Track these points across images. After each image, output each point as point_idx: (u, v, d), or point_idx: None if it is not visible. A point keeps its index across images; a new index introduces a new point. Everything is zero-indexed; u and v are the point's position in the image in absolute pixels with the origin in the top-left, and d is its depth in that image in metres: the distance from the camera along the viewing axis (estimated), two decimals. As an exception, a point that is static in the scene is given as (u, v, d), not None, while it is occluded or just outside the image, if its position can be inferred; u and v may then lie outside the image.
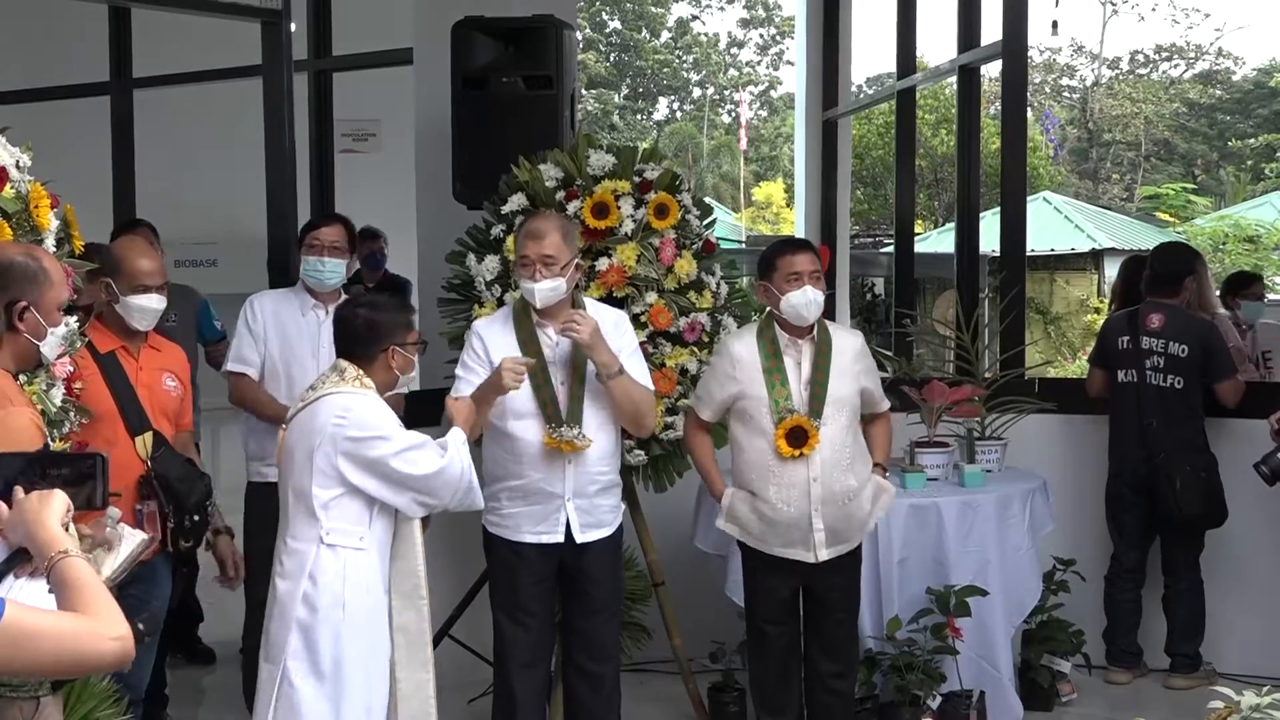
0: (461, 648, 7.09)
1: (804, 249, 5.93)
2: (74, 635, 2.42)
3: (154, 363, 5.45)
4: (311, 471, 4.77)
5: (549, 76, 7.24)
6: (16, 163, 4.54)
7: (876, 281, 18.67)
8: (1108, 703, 7.02)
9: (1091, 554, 7.37)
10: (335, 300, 6.44)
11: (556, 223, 5.70)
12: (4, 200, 4.45)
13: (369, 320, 5.02)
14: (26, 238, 4.53)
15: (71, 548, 2.56)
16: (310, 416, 4.84)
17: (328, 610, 4.76)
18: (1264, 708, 2.97)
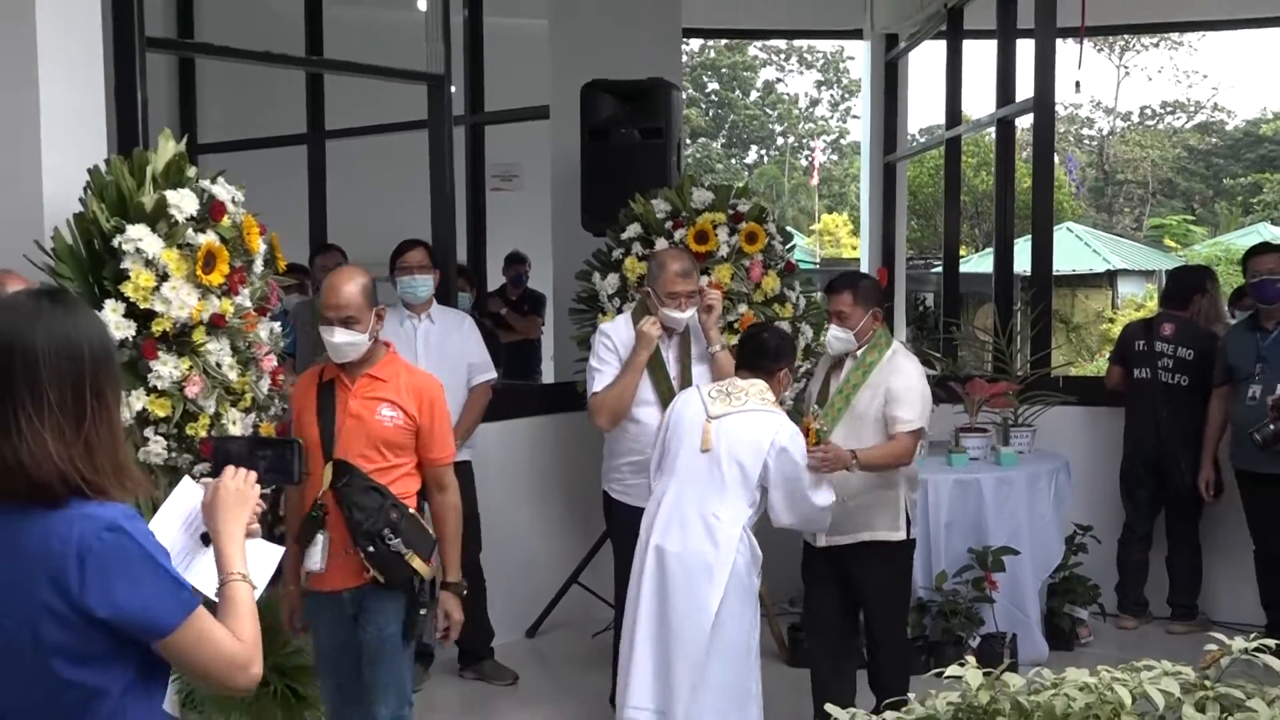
0: (588, 592, 7.11)
1: (833, 290, 5.52)
2: (228, 655, 2.38)
3: (369, 391, 4.43)
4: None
5: (659, 128, 7.26)
6: (232, 198, 4.60)
7: (927, 296, 18.53)
8: (1118, 645, 6.93)
9: (1106, 521, 7.28)
10: (427, 309, 6.50)
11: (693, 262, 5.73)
12: (222, 228, 4.51)
13: (779, 341, 5.12)
14: (240, 259, 4.59)
15: (246, 572, 2.51)
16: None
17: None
18: (1250, 650, 2.90)
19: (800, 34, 21.11)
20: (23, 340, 2.29)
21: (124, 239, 4.29)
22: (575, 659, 6.86)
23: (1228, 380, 6.67)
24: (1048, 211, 8.01)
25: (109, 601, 2.25)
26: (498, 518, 7.04)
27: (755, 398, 4.91)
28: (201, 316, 4.40)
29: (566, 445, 6.94)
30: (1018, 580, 6.74)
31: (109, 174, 4.45)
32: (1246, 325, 6.67)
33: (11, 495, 2.28)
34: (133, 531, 2.30)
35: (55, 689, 2.30)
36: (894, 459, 5.24)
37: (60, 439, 2.27)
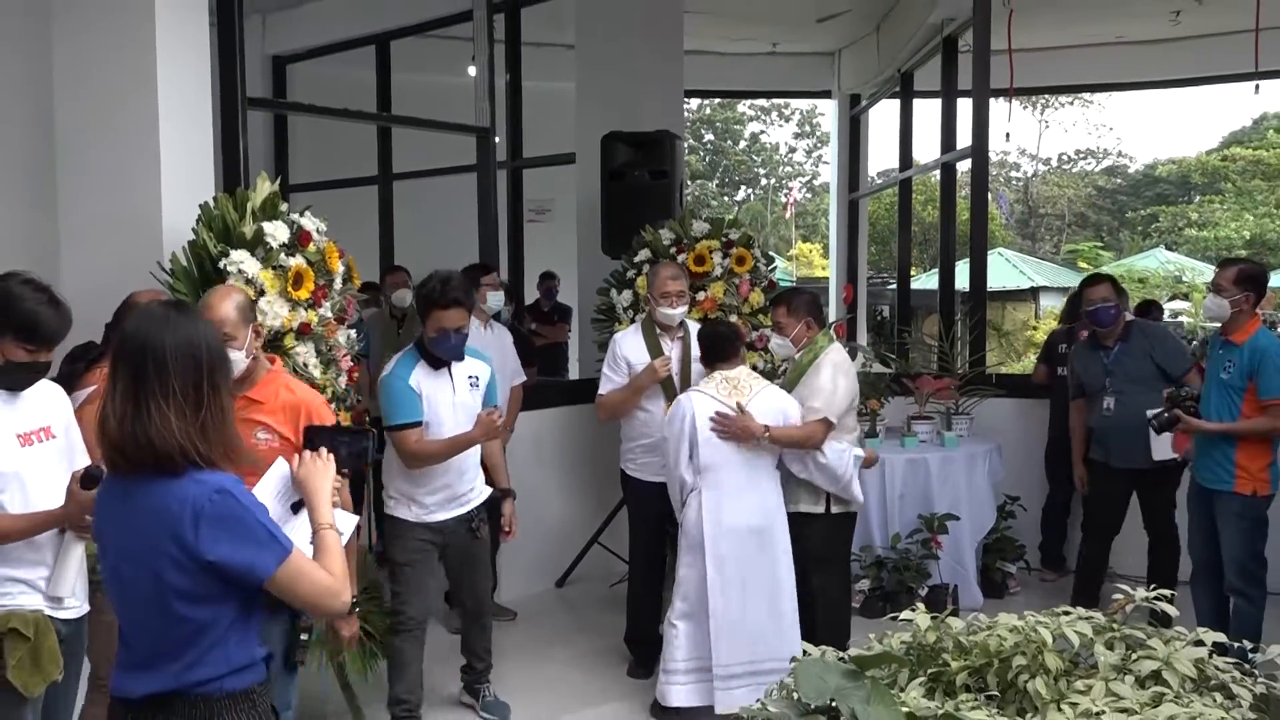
0: (606, 550, 7.10)
1: (772, 305, 5.49)
2: (323, 586, 2.45)
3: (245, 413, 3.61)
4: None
5: (665, 171, 7.24)
6: (316, 229, 4.60)
7: (885, 308, 18.51)
8: (1042, 594, 6.90)
9: (1031, 493, 7.25)
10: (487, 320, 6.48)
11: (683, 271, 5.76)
12: (309, 253, 4.51)
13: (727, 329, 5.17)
14: (323, 278, 4.59)
15: (334, 523, 2.58)
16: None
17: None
18: (1150, 599, 2.88)
19: (780, 94, 21.15)
20: (154, 341, 2.38)
21: (229, 261, 4.30)
22: (595, 604, 6.85)
23: (1081, 394, 6.40)
24: (982, 239, 7.97)
25: (218, 550, 2.32)
26: (533, 489, 7.04)
27: (755, 380, 4.97)
28: (292, 325, 4.41)
29: (589, 431, 6.93)
30: (958, 541, 6.71)
31: (216, 209, 4.46)
32: (1090, 346, 6.36)
33: (140, 466, 2.36)
34: (238, 494, 2.37)
35: (173, 622, 2.36)
36: (803, 440, 5.08)
37: (182, 420, 2.35)
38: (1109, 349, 6.18)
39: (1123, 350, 6.16)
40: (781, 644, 4.83)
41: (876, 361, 8.67)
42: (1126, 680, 2.66)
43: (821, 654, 2.73)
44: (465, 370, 4.78)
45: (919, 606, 3.02)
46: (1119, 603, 2.94)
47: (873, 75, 11.75)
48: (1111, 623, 2.89)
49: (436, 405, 4.68)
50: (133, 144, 4.82)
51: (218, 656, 2.40)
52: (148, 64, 4.77)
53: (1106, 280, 6.37)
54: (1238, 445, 5.27)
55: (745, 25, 11.46)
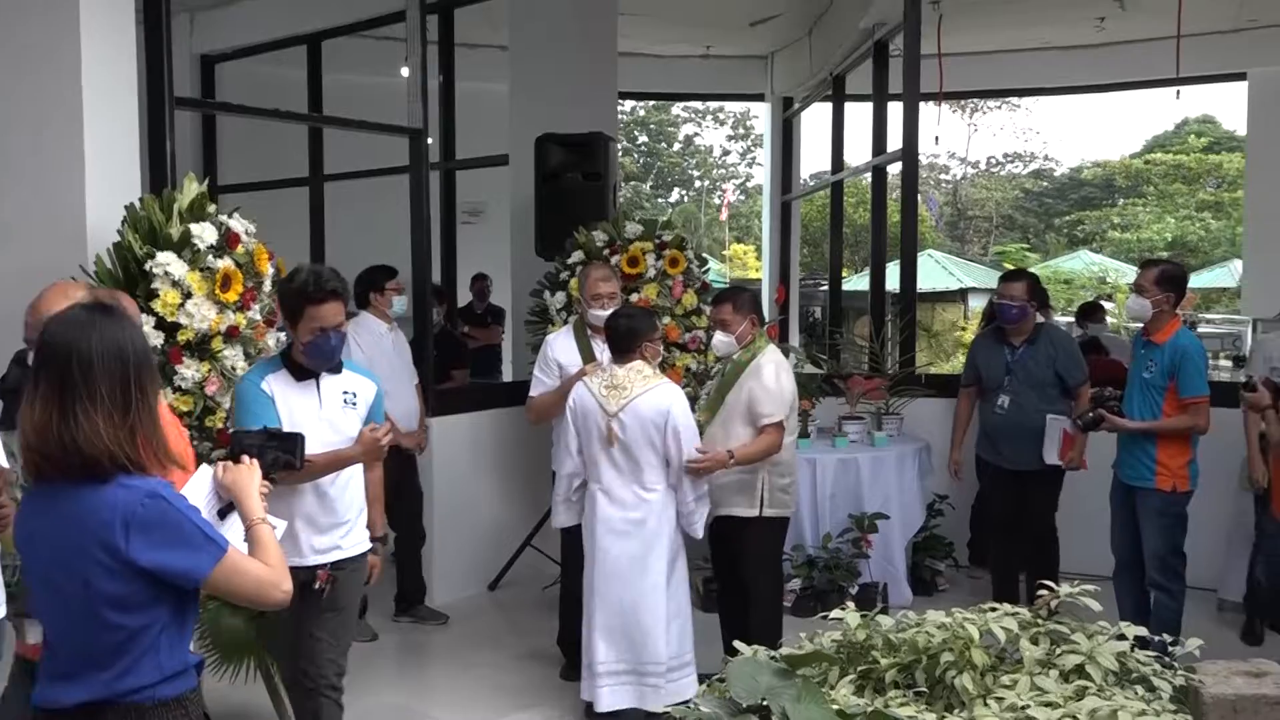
0: (539, 553, 7.08)
1: (716, 302, 5.43)
2: (264, 579, 2.46)
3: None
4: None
5: (599, 173, 7.24)
6: (245, 230, 4.55)
7: (816, 309, 18.61)
8: (970, 591, 6.98)
9: (959, 491, 7.31)
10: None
11: (614, 272, 5.75)
12: (237, 255, 4.46)
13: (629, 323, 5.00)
14: (252, 280, 4.54)
15: (265, 517, 2.59)
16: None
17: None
18: (1076, 594, 2.94)
19: (714, 96, 21.21)
20: (79, 345, 2.34)
21: (154, 263, 4.24)
22: (528, 607, 6.83)
23: (975, 383, 6.42)
24: (912, 241, 8.06)
25: (150, 556, 2.30)
26: (466, 492, 7.04)
27: (638, 380, 4.85)
28: (219, 328, 4.36)
29: (522, 433, 6.91)
30: (888, 539, 6.78)
31: (142, 210, 4.40)
32: (994, 339, 6.37)
33: (67, 471, 2.33)
34: (169, 498, 2.36)
35: (104, 630, 2.34)
36: (765, 451, 5.10)
37: (110, 424, 2.32)
38: (1014, 347, 6.24)
39: (1027, 352, 6.19)
40: (652, 645, 4.79)
41: (808, 362, 8.75)
42: (1051, 674, 2.70)
43: (754, 653, 2.75)
44: (339, 384, 3.97)
45: (849, 605, 3.05)
46: (1046, 597, 3.00)
47: (805, 78, 11.84)
48: (1037, 618, 2.94)
49: (296, 417, 3.80)
50: (57, 144, 4.74)
51: (150, 664, 2.37)
52: (72, 62, 4.70)
53: (1025, 278, 6.38)
54: (1158, 443, 5.39)
55: (679, 28, 11.50)
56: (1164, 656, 2.87)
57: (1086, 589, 2.93)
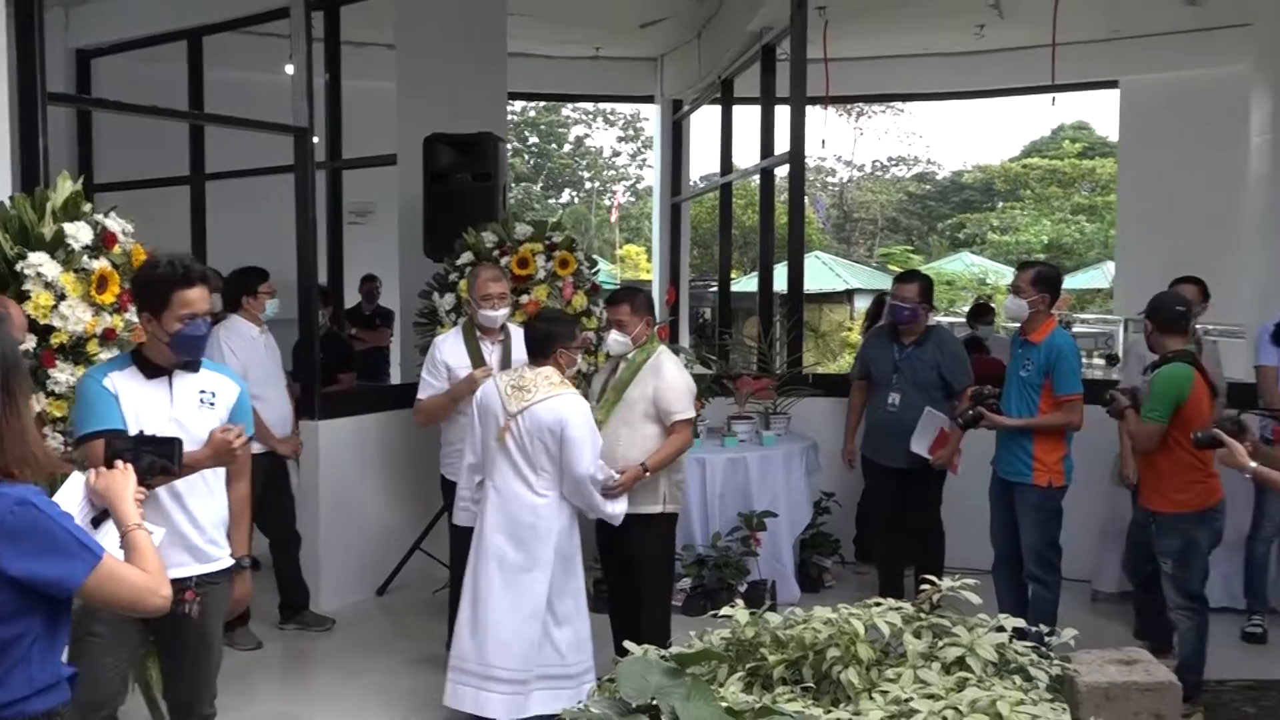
0: (428, 556, 7.01)
1: (613, 302, 5.41)
2: (141, 585, 2.40)
3: None
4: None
5: (489, 173, 7.20)
6: (123, 230, 4.42)
7: (706, 310, 18.76)
8: (856, 587, 7.07)
9: (845, 489, 7.41)
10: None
11: (504, 273, 5.72)
12: (114, 256, 4.33)
13: (548, 328, 4.94)
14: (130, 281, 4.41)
15: (141, 523, 2.54)
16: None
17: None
18: (957, 588, 3.00)
19: (604, 98, 21.27)
20: None
21: (26, 264, 4.10)
22: (417, 611, 6.76)
23: (864, 377, 6.56)
24: (800, 242, 8.16)
25: (21, 564, 2.24)
26: (353, 496, 6.94)
27: (544, 385, 4.82)
28: (95, 330, 4.22)
29: (411, 436, 6.83)
30: (776, 537, 6.85)
31: (13, 209, 4.25)
32: (885, 336, 6.50)
33: None
34: (40, 505, 2.29)
35: None
36: (677, 450, 5.19)
37: None
38: (904, 346, 6.36)
39: (915, 353, 6.31)
40: (520, 651, 4.73)
41: (698, 363, 8.80)
42: (934, 667, 2.77)
43: (644, 653, 2.76)
44: (196, 383, 3.68)
45: (738, 603, 3.08)
46: (928, 592, 3.06)
47: (694, 81, 11.92)
48: (920, 612, 3.01)
49: (143, 417, 3.50)
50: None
51: (20, 676, 2.31)
52: (-64, 55, 4.51)
53: (919, 280, 6.50)
54: (1035, 439, 5.55)
55: (568, 29, 11.49)
56: (1041, 647, 2.96)
57: (967, 583, 3.00)
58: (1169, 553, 5.27)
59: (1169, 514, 5.25)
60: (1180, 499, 5.21)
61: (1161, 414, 5.14)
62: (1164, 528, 5.29)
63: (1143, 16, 10.57)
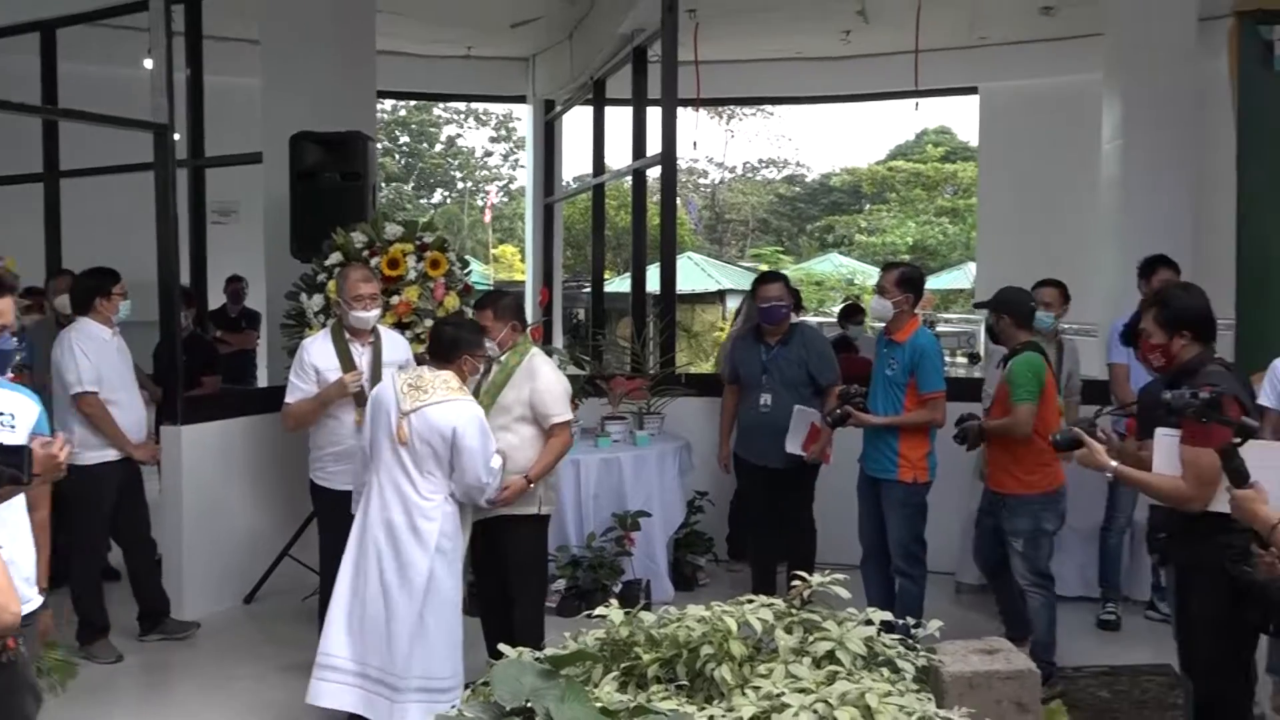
0: (298, 563, 6.88)
1: (477, 308, 5.42)
2: None
3: None
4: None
5: (358, 173, 7.09)
6: (-30, 228, 4.24)
7: (580, 311, 18.75)
8: (730, 584, 7.15)
9: (718, 487, 7.49)
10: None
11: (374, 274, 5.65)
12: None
13: (455, 333, 4.87)
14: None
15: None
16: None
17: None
18: (827, 584, 3.05)
19: (476, 98, 21.12)
20: None
21: None
22: (287, 619, 6.62)
23: (735, 381, 6.61)
24: (672, 243, 8.22)
25: None
26: (219, 502, 6.78)
27: (441, 388, 4.77)
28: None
29: (278, 440, 6.69)
30: (650, 537, 6.89)
31: None
32: (751, 338, 6.53)
33: None
34: None
35: None
36: (558, 455, 5.21)
37: None
38: (770, 346, 6.45)
39: (781, 352, 6.40)
40: (394, 653, 4.65)
41: (571, 364, 8.80)
42: (804, 661, 2.81)
43: (518, 655, 2.74)
44: None
45: (613, 603, 3.08)
46: (799, 588, 3.11)
47: (567, 82, 11.92)
48: (791, 608, 3.05)
49: None
50: None
51: None
52: None
53: (780, 279, 6.62)
54: (900, 437, 5.69)
55: (439, 28, 11.38)
56: (908, 639, 3.03)
57: (837, 578, 3.05)
58: (1020, 533, 5.52)
59: (1020, 495, 5.51)
60: (1031, 480, 5.48)
61: (1032, 394, 5.40)
62: (1015, 509, 5.53)
63: (1001, 25, 10.90)
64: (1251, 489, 3.36)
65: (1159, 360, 4.12)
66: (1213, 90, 6.97)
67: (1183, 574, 4.09)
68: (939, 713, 2.63)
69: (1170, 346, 4.07)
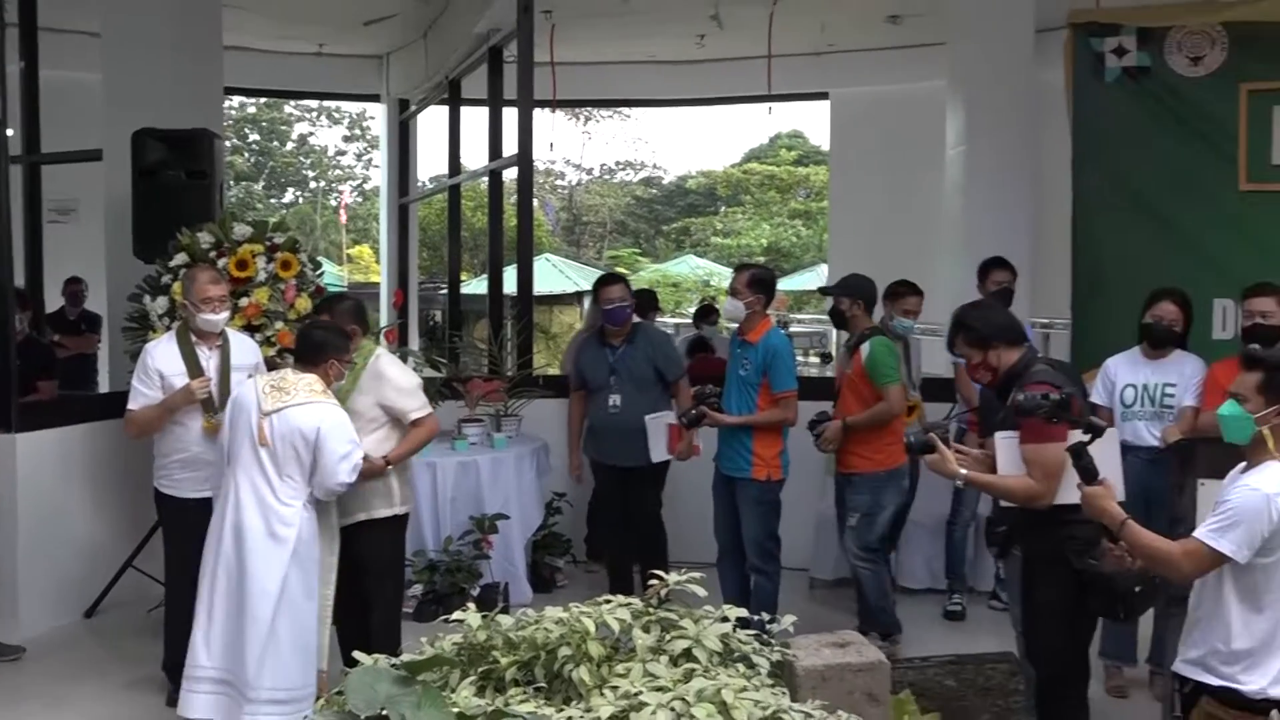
0: (140, 573, 6.65)
1: (317, 313, 5.43)
2: None
3: None
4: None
5: (204, 171, 6.89)
6: None
7: (436, 313, 18.58)
8: (588, 585, 7.15)
9: (576, 489, 7.46)
10: None
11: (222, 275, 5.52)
12: None
13: (323, 337, 4.78)
14: None
15: None
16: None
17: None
18: (683, 582, 3.08)
19: (328, 96, 20.72)
20: None
21: None
22: (130, 633, 6.38)
23: (582, 386, 6.64)
24: (529, 244, 8.20)
25: None
26: (57, 513, 6.52)
27: (304, 390, 4.69)
28: None
29: (122, 448, 6.46)
30: (508, 539, 6.87)
31: None
32: (595, 341, 6.57)
33: None
34: None
35: None
36: (420, 444, 5.19)
37: None
38: (615, 348, 6.48)
39: (627, 352, 6.44)
40: (249, 662, 4.54)
41: (428, 366, 8.70)
42: (662, 660, 2.83)
43: (374, 662, 2.71)
44: None
45: (470, 607, 3.06)
46: (656, 587, 3.13)
47: (421, 81, 11.79)
48: (649, 607, 3.07)
49: None
50: None
51: None
52: None
53: (621, 280, 6.72)
54: (754, 435, 5.79)
55: (290, 24, 11.15)
56: (763, 634, 3.08)
57: (693, 576, 3.08)
58: (858, 508, 5.84)
59: (865, 473, 5.85)
60: (878, 459, 5.82)
61: (896, 373, 5.78)
62: (858, 486, 5.86)
63: (850, 33, 11.16)
64: (1101, 485, 3.51)
65: (987, 376, 4.32)
66: (1050, 98, 7.25)
67: (1028, 565, 4.25)
68: (793, 706, 2.67)
69: (989, 360, 4.26)
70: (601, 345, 6.51)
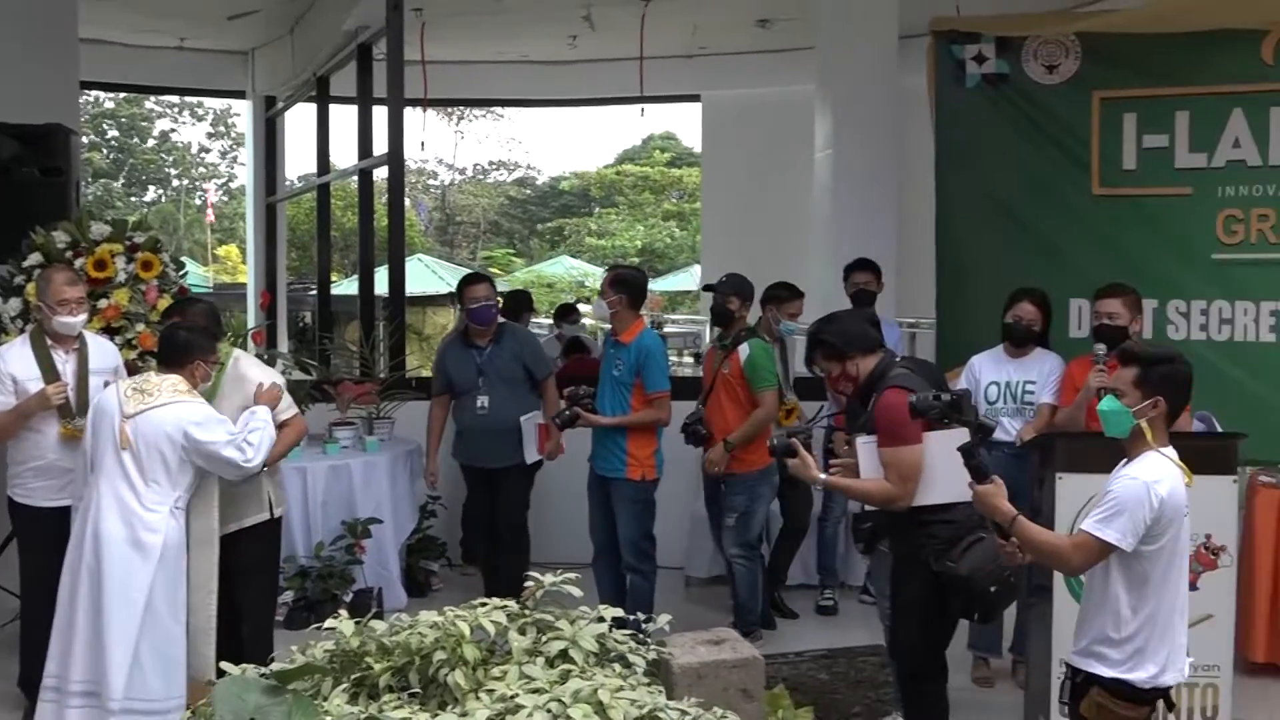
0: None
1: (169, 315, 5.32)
2: None
3: None
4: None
5: (59, 168, 6.66)
6: None
7: (306, 315, 18.20)
8: (464, 588, 7.05)
9: (450, 491, 7.38)
10: None
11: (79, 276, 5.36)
12: None
13: (187, 337, 4.67)
14: None
15: None
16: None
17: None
18: (559, 583, 3.08)
19: (191, 91, 20.19)
20: None
21: None
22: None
23: (447, 390, 6.53)
24: (401, 245, 8.11)
25: None
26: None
27: (168, 391, 4.57)
28: None
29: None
30: (382, 544, 6.78)
31: None
32: (460, 343, 6.49)
33: None
34: None
35: None
36: (289, 446, 5.10)
37: None
38: (481, 348, 6.43)
39: (495, 352, 6.39)
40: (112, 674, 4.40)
41: (297, 369, 8.54)
42: (538, 662, 2.83)
43: (242, 672, 2.65)
44: None
45: (343, 613, 3.02)
46: (531, 588, 3.12)
47: (288, 78, 11.55)
48: (525, 608, 3.06)
49: None
50: None
51: None
52: None
53: (486, 280, 6.71)
54: (628, 436, 5.82)
55: (150, 17, 10.81)
56: (639, 634, 3.09)
57: (569, 577, 3.08)
58: (736, 508, 5.99)
59: (740, 474, 5.99)
60: (751, 459, 5.94)
61: (774, 378, 5.93)
62: (734, 486, 6.01)
63: (720, 36, 11.28)
64: (992, 484, 3.60)
65: (848, 387, 4.38)
66: (914, 103, 7.42)
67: (896, 564, 4.35)
68: (669, 704, 2.69)
69: (847, 370, 4.34)
70: (466, 346, 6.45)
